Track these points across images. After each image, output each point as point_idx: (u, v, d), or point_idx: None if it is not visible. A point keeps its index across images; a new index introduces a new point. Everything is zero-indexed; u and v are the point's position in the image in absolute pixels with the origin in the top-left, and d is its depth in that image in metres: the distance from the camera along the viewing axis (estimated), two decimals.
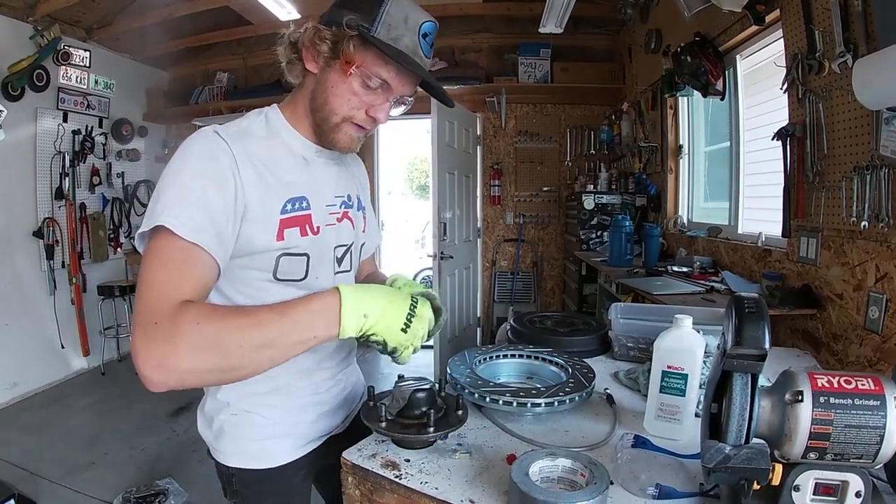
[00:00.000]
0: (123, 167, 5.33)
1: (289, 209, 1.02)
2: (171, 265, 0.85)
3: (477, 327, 5.47)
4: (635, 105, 4.39)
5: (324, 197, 1.11)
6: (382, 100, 1.02)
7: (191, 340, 0.79)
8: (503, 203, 5.45)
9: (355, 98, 1.01)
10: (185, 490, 2.80)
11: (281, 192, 1.01)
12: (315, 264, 1.08)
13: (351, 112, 1.02)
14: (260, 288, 1.03)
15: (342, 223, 1.16)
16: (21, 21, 4.13)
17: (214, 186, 0.90)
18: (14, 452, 3.32)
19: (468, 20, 5.16)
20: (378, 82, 1.00)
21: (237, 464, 1.13)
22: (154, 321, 0.79)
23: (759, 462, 0.71)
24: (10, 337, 4.18)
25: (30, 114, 4.31)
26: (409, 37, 0.97)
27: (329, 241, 1.12)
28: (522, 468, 0.81)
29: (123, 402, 4.19)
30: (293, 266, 1.05)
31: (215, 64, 5.85)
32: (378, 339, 0.91)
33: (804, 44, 2.14)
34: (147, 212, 0.88)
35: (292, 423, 1.15)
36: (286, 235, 1.01)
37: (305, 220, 1.05)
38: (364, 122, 1.04)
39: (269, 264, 1.02)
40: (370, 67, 0.98)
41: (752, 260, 2.67)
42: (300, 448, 1.16)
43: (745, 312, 0.73)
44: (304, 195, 1.06)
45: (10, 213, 4.21)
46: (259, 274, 1.02)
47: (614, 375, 1.46)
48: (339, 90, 1.00)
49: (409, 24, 0.97)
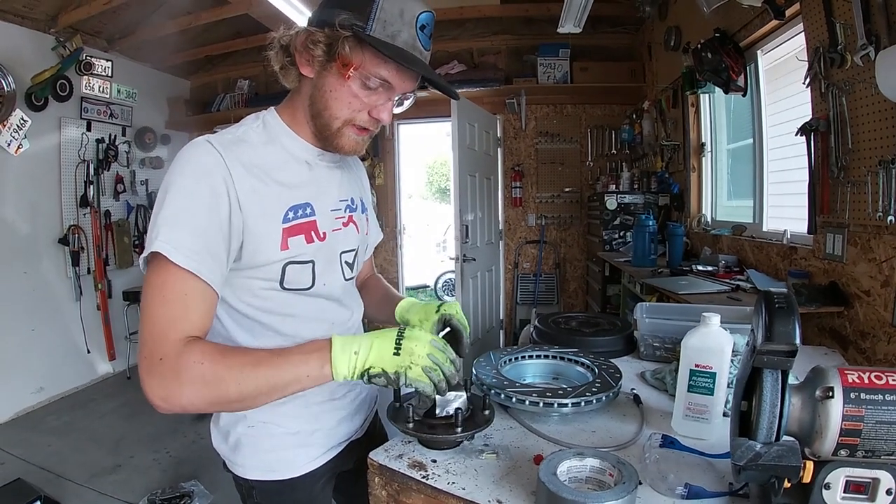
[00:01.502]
0: (147, 174, 5.41)
1: (291, 217, 1.00)
2: (171, 301, 0.86)
3: (500, 329, 5.46)
4: (656, 103, 4.34)
5: (329, 202, 1.09)
6: (384, 99, 0.99)
7: (192, 379, 0.83)
8: (525, 205, 5.43)
9: (356, 100, 0.97)
10: (210, 492, 2.84)
11: (282, 200, 0.99)
12: (322, 271, 1.06)
13: (353, 115, 0.99)
14: (265, 297, 1.01)
15: (348, 227, 1.14)
16: (43, 32, 4.22)
17: (207, 207, 0.89)
18: (41, 455, 3.38)
19: (486, 22, 5.16)
20: (378, 82, 0.96)
21: (257, 476, 1.11)
22: (159, 357, 0.83)
23: (790, 459, 0.69)
24: (37, 342, 4.26)
25: (53, 123, 4.40)
26: (406, 31, 0.92)
27: (336, 246, 1.10)
28: (550, 468, 0.81)
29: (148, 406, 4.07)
30: (299, 275, 1.02)
31: (236, 71, 5.93)
32: (377, 372, 0.88)
33: (825, 37, 2.10)
34: (148, 231, 0.89)
35: (311, 431, 1.13)
36: (290, 244, 0.99)
37: (311, 226, 1.03)
38: (367, 124, 1.01)
39: (274, 274, 1.00)
40: (369, 68, 0.94)
41: (777, 258, 2.63)
42: (321, 456, 1.15)
43: (776, 308, 0.72)
44: (308, 201, 1.03)
45: (36, 221, 4.30)
46: (265, 283, 1.00)
47: (640, 375, 1.44)
48: (338, 94, 0.97)
49: (406, 17, 0.92)
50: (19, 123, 3.99)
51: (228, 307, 1.02)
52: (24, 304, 4.17)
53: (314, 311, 1.08)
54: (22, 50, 4.04)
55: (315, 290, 1.05)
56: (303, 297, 1.04)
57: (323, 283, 1.07)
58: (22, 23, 4.05)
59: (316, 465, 1.14)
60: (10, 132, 3.96)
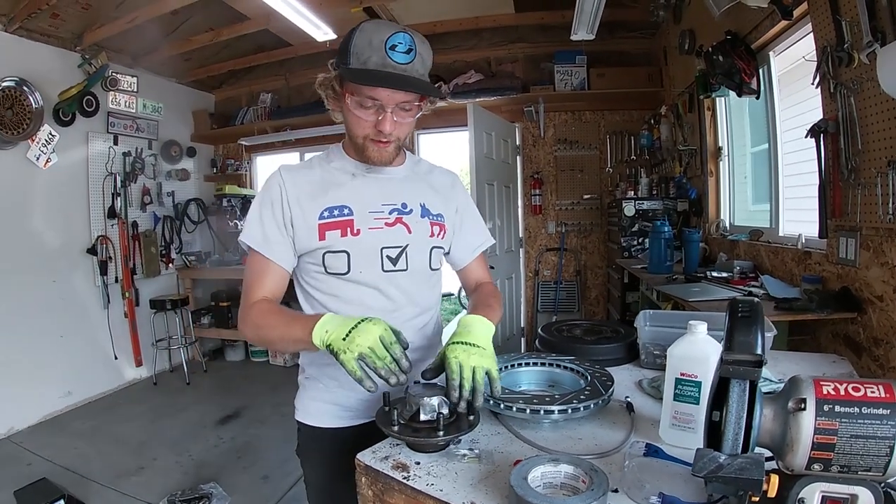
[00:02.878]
0: (173, 186, 5.56)
1: (326, 216, 1.26)
2: (250, 273, 1.28)
3: (521, 337, 5.43)
4: (673, 108, 4.30)
5: (368, 205, 1.30)
6: (381, 114, 1.18)
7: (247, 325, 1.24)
8: (544, 212, 5.40)
9: (361, 120, 1.20)
10: (228, 494, 2.89)
11: (320, 203, 1.27)
12: (357, 261, 1.27)
13: (365, 132, 1.22)
14: (318, 279, 1.31)
15: (394, 227, 1.31)
16: (69, 50, 4.38)
17: (269, 208, 1.27)
18: (66, 457, 3.49)
19: (502, 31, 5.18)
20: (370, 101, 1.17)
21: (299, 417, 1.42)
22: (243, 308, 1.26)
23: (752, 472, 0.68)
24: (66, 348, 4.40)
25: (81, 138, 4.56)
26: (375, 55, 1.12)
27: (372, 242, 1.28)
28: (522, 473, 0.82)
29: (173, 410, 4.36)
30: (336, 261, 1.27)
31: (258, 85, 6.06)
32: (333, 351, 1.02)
33: (832, 36, 2.07)
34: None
35: (344, 396, 1.35)
36: (327, 236, 1.26)
37: (347, 223, 1.27)
38: (378, 137, 1.21)
39: (318, 259, 1.28)
40: (357, 93, 1.17)
41: (792, 263, 2.58)
42: (347, 419, 1.36)
43: (738, 317, 0.72)
44: (346, 204, 1.28)
45: (64, 232, 4.46)
46: (315, 267, 1.29)
47: (638, 384, 1.44)
48: (350, 118, 1.23)
49: (374, 44, 1.12)
50: (48, 138, 4.15)
51: (300, 286, 1.36)
52: (53, 312, 4.31)
53: (354, 295, 1.30)
54: (49, 67, 4.20)
55: (351, 275, 1.28)
56: (343, 282, 1.29)
57: (359, 270, 1.28)
58: (48, 41, 4.21)
59: (340, 424, 1.37)
60: (39, 146, 4.12)
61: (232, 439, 3.74)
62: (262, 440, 3.69)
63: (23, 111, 3.95)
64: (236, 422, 4.06)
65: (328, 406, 1.37)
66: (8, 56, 3.91)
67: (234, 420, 4.09)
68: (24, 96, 3.95)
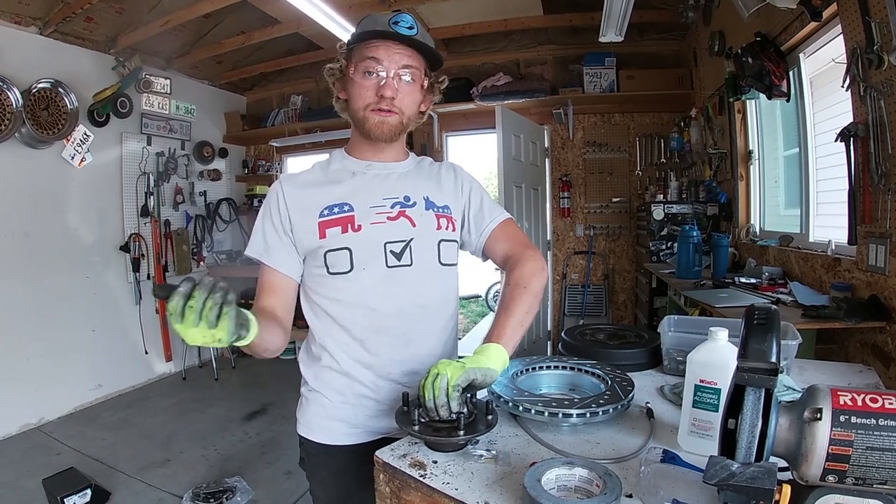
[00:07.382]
0: (206, 186, 5.68)
1: (326, 214, 1.26)
2: (258, 285, 1.29)
3: (547, 340, 5.42)
4: (703, 110, 4.24)
5: (368, 200, 1.29)
6: (383, 78, 1.22)
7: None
8: (573, 215, 5.38)
9: (364, 89, 1.23)
10: (252, 489, 2.95)
11: (319, 202, 1.27)
12: (360, 257, 1.24)
13: (367, 100, 1.24)
14: (320, 283, 1.28)
15: (397, 221, 1.29)
16: (103, 53, 4.52)
17: (269, 218, 1.29)
18: (94, 447, 3.60)
19: (531, 33, 5.18)
20: (372, 65, 1.22)
21: (302, 432, 1.37)
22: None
23: (763, 482, 0.67)
24: (97, 342, 4.55)
25: (115, 138, 4.70)
26: (378, 27, 1.20)
27: (374, 237, 1.26)
28: (536, 475, 0.83)
29: (201, 405, 4.45)
30: (338, 259, 1.25)
31: (289, 87, 6.14)
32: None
33: (862, 37, 2.03)
34: None
35: (352, 412, 1.31)
36: (328, 234, 1.24)
37: (347, 220, 1.25)
38: (379, 104, 1.23)
39: (320, 260, 1.25)
40: (359, 61, 1.23)
41: (821, 269, 2.53)
42: (356, 435, 1.32)
43: (754, 324, 0.72)
44: (346, 201, 1.27)
45: (98, 229, 4.60)
46: (318, 269, 1.27)
47: (660, 389, 1.43)
48: (354, 91, 1.26)
49: (379, 21, 1.20)
50: (82, 138, 4.30)
51: (304, 294, 1.33)
52: (85, 307, 4.46)
53: (356, 296, 1.26)
54: (84, 69, 4.35)
55: (354, 273, 1.25)
56: (346, 283, 1.25)
57: (362, 267, 1.25)
58: (83, 44, 4.35)
59: (349, 442, 1.32)
60: (74, 146, 4.27)
61: (257, 435, 3.81)
62: (286, 436, 3.74)
63: (58, 112, 4.09)
64: (262, 418, 4.14)
65: (336, 423, 1.33)
66: (44, 59, 4.04)
67: (260, 416, 4.16)
68: (60, 97, 4.09)
